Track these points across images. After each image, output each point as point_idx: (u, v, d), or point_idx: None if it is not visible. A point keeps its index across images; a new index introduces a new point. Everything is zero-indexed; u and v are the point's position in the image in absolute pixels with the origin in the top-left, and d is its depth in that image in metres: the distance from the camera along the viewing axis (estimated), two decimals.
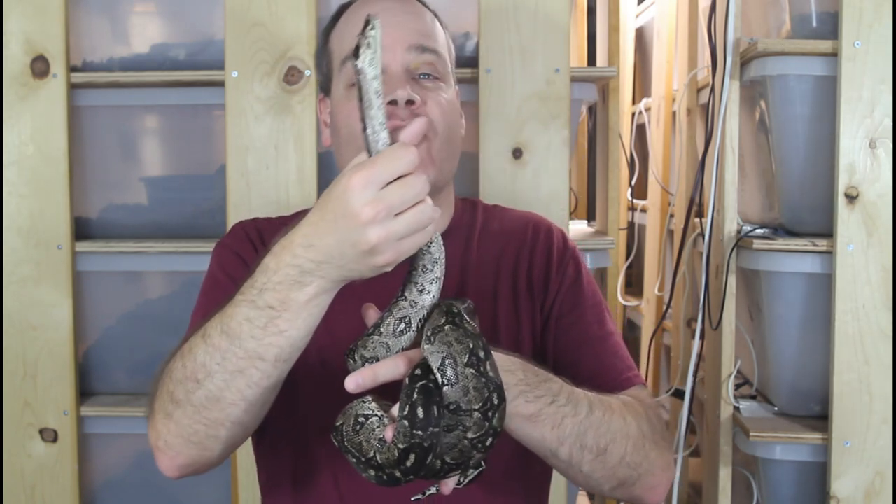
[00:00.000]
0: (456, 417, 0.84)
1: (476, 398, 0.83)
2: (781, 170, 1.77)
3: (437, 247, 0.92)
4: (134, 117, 1.89)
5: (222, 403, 0.96)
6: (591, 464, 1.01)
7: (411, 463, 0.85)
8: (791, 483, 1.80)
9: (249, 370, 0.94)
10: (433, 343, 0.85)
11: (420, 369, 0.86)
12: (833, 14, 1.70)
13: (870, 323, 1.68)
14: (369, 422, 0.91)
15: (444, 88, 1.19)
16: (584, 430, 0.99)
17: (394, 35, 1.15)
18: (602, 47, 2.63)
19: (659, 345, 2.69)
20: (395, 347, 0.92)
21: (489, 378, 0.84)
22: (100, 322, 1.87)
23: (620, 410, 1.04)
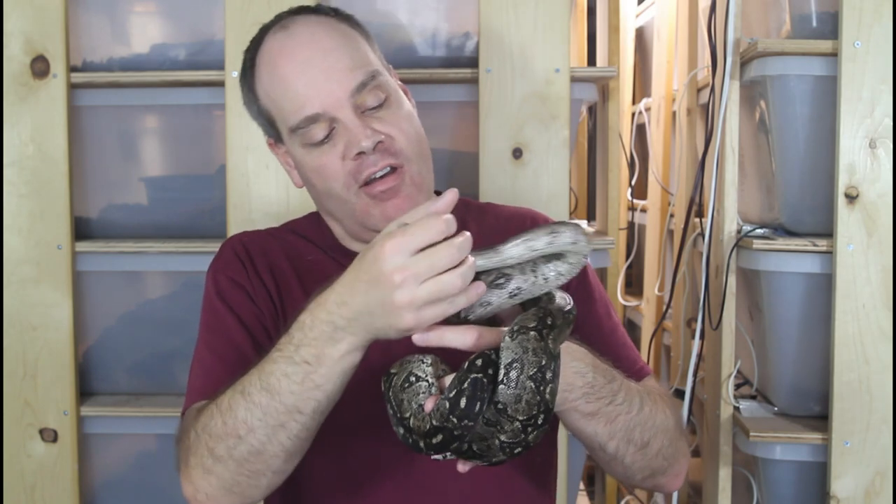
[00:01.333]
0: (498, 416, 0.86)
1: (524, 410, 0.85)
2: (781, 170, 1.77)
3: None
4: (134, 117, 1.89)
5: (264, 456, 1.00)
6: (633, 456, 1.06)
7: (437, 441, 0.87)
8: (791, 483, 1.80)
9: (289, 423, 0.97)
10: (513, 340, 0.87)
11: (482, 359, 0.87)
12: (833, 14, 1.70)
13: (870, 323, 1.67)
14: (419, 384, 0.93)
15: (395, 105, 1.17)
16: (634, 426, 1.03)
17: (332, 87, 1.13)
18: (602, 47, 2.63)
19: (659, 345, 2.69)
20: (489, 298, 0.92)
21: (545, 399, 0.86)
22: (100, 322, 1.87)
23: (661, 404, 1.09)
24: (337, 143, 1.14)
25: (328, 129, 1.14)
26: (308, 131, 1.14)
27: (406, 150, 1.15)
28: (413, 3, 1.80)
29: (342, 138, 1.13)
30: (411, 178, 1.15)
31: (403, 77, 1.27)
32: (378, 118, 1.15)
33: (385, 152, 1.13)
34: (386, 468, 1.14)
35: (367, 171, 1.13)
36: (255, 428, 0.98)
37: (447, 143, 1.83)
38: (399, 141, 1.14)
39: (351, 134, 1.12)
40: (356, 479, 1.15)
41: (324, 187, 1.17)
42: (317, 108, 1.13)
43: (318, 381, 0.95)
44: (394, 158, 1.14)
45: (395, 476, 1.14)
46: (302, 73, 1.14)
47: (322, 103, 1.13)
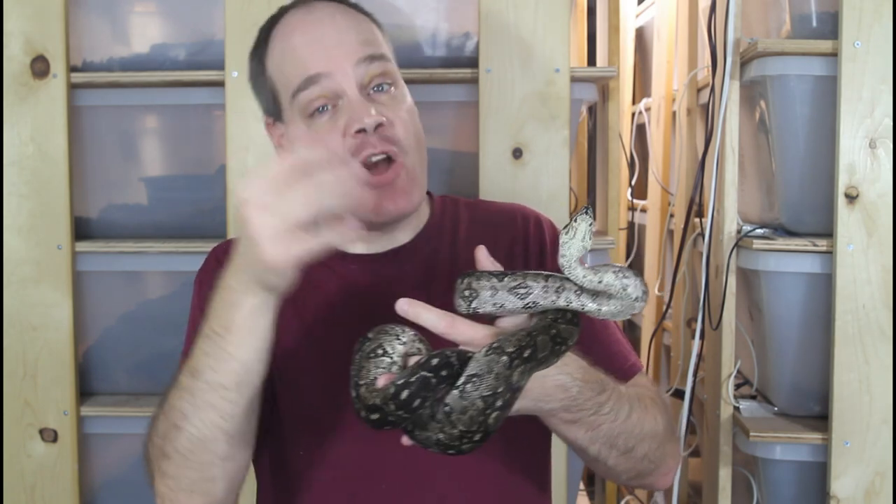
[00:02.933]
0: (442, 415, 0.87)
1: (466, 422, 0.86)
2: (781, 170, 1.77)
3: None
4: (134, 117, 1.89)
5: (205, 443, 0.98)
6: (616, 459, 1.06)
7: (373, 418, 0.89)
8: (791, 483, 1.80)
9: (218, 402, 0.96)
10: (485, 356, 0.87)
11: (439, 360, 0.87)
12: (833, 14, 1.70)
13: (870, 323, 1.67)
14: (383, 358, 0.94)
15: (401, 96, 1.18)
16: (618, 434, 1.03)
17: (339, 53, 1.13)
18: (602, 47, 2.63)
19: (659, 345, 2.69)
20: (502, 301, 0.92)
21: (487, 422, 0.86)
22: (100, 322, 1.87)
23: (652, 409, 1.09)
24: (339, 119, 1.13)
25: (328, 100, 1.13)
26: (308, 95, 1.13)
27: (404, 140, 1.15)
28: (413, 3, 1.80)
29: (345, 114, 1.13)
30: (407, 172, 1.15)
31: (404, 77, 1.26)
32: (381, 102, 1.15)
33: (385, 137, 1.13)
34: (381, 469, 1.14)
35: (366, 151, 1.12)
36: (189, 414, 0.97)
37: (447, 143, 1.83)
38: (399, 130, 1.14)
39: (354, 110, 1.12)
40: (352, 480, 1.15)
41: None
42: (320, 67, 1.12)
43: (231, 351, 0.94)
44: (393, 146, 1.13)
45: (391, 477, 1.14)
46: (312, 41, 1.14)
47: (326, 65, 1.12)
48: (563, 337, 0.92)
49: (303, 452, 1.16)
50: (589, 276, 0.91)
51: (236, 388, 0.95)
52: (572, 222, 0.90)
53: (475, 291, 0.92)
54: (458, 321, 0.89)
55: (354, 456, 1.14)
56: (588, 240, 0.90)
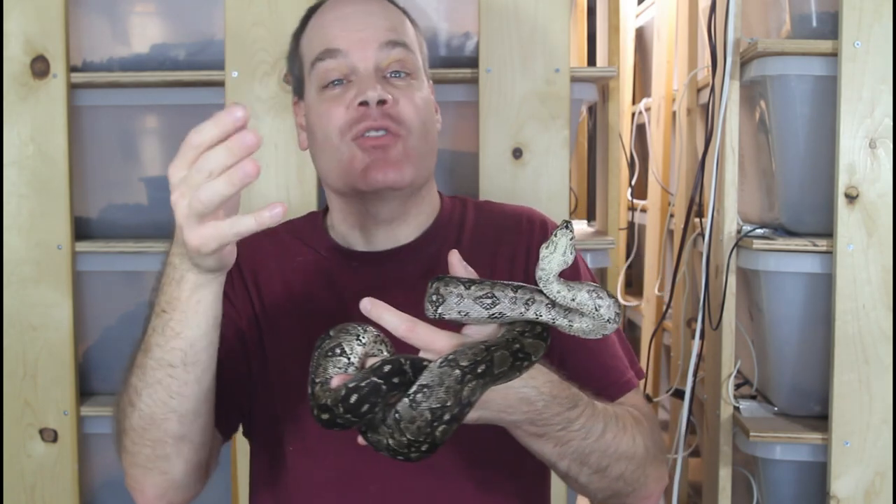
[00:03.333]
0: (392, 421, 0.87)
1: (414, 432, 0.86)
2: (781, 170, 1.77)
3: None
4: (134, 117, 1.89)
5: (156, 420, 0.99)
6: (589, 477, 1.04)
7: (323, 418, 0.89)
8: (791, 483, 1.80)
9: (165, 380, 0.97)
10: (438, 367, 0.86)
11: (392, 366, 0.87)
12: (833, 14, 1.70)
13: (870, 323, 1.67)
14: (341, 357, 0.94)
15: (417, 85, 1.19)
16: (590, 452, 1.02)
17: (363, 35, 1.16)
18: (602, 47, 2.63)
19: (659, 345, 2.69)
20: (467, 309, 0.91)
21: (434, 435, 0.86)
22: (100, 322, 1.87)
23: (632, 430, 1.06)
24: (348, 91, 1.15)
25: (342, 75, 1.16)
26: (324, 66, 1.16)
27: (408, 121, 1.15)
28: (413, 3, 1.80)
29: (353, 88, 1.15)
30: (405, 148, 1.15)
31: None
32: (394, 85, 1.16)
33: (387, 115, 1.14)
34: (370, 471, 1.14)
35: (365, 123, 1.13)
36: (140, 390, 0.99)
37: (447, 143, 1.83)
38: (405, 111, 1.15)
39: (361, 83, 1.14)
40: (341, 481, 1.15)
41: (322, 135, 1.17)
42: (341, 45, 1.16)
43: (176, 329, 0.95)
44: (394, 123, 1.14)
45: (380, 480, 1.14)
46: (342, 19, 1.18)
47: (348, 44, 1.16)
48: (526, 352, 0.91)
49: (291, 448, 1.16)
50: (563, 292, 0.90)
51: (182, 366, 0.96)
52: (552, 237, 0.89)
53: (442, 297, 0.91)
54: (420, 326, 0.88)
55: (344, 457, 1.14)
56: (569, 254, 0.89)
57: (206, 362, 0.98)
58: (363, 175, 1.13)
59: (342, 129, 1.15)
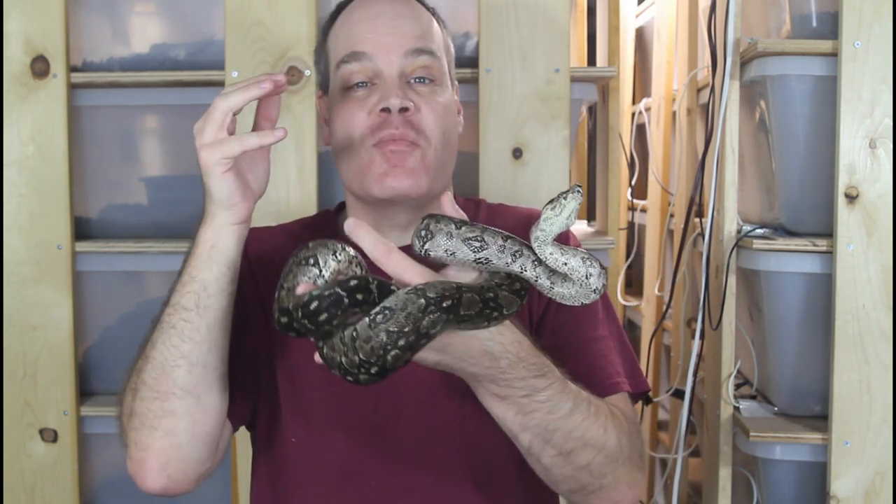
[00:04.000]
0: (348, 338, 0.85)
1: (366, 352, 0.84)
2: (781, 170, 1.77)
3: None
4: (134, 117, 1.89)
5: (166, 367, 1.02)
6: (553, 459, 1.01)
7: (281, 321, 0.88)
8: (791, 483, 1.80)
9: (179, 324, 1.02)
10: (405, 293, 0.85)
11: (358, 282, 0.86)
12: (833, 14, 1.70)
13: (870, 323, 1.67)
14: (312, 269, 0.93)
15: (440, 91, 1.19)
16: (554, 429, 0.99)
17: (390, 41, 1.16)
18: (602, 47, 2.63)
19: (659, 345, 2.69)
20: (454, 249, 0.90)
21: (385, 359, 0.84)
22: (100, 322, 1.87)
23: (605, 420, 1.03)
24: (372, 95, 1.16)
25: (367, 78, 1.17)
26: (349, 68, 1.17)
27: (429, 131, 1.16)
28: None
29: (377, 92, 1.15)
30: (423, 157, 1.15)
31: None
32: (417, 91, 1.17)
33: (409, 123, 1.14)
34: (369, 468, 1.15)
35: (386, 130, 1.14)
36: (156, 340, 1.03)
37: None
38: (426, 120, 1.16)
39: (385, 89, 1.15)
40: (340, 475, 1.15)
41: (343, 136, 1.18)
42: (367, 48, 1.16)
43: (192, 273, 1.01)
44: (414, 132, 1.15)
45: (380, 476, 1.15)
46: (371, 20, 1.18)
47: (374, 48, 1.16)
48: (498, 303, 0.89)
49: (294, 440, 1.16)
50: (556, 254, 0.89)
51: (195, 309, 1.01)
52: (561, 199, 0.88)
53: (431, 233, 0.90)
54: (395, 253, 0.87)
55: (345, 451, 1.15)
56: (573, 219, 0.88)
57: (218, 310, 1.02)
58: (379, 180, 1.14)
59: (363, 134, 1.15)
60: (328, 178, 1.79)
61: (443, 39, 1.24)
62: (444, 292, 0.85)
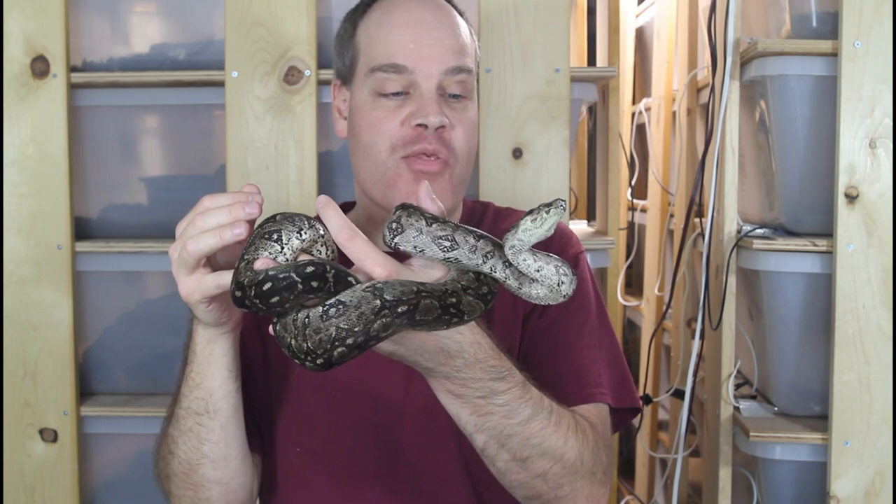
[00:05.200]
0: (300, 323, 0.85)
1: (314, 342, 0.83)
2: (781, 170, 1.77)
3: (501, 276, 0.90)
4: (134, 117, 1.89)
5: (192, 465, 1.05)
6: (507, 464, 0.99)
7: (235, 295, 0.87)
8: (791, 483, 1.80)
9: (195, 427, 1.03)
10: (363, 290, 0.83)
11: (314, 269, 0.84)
12: (833, 14, 1.70)
13: (870, 323, 1.67)
14: (274, 244, 0.90)
15: (470, 106, 1.19)
16: (510, 434, 0.97)
17: (430, 53, 1.15)
18: (602, 47, 2.63)
19: (659, 345, 2.69)
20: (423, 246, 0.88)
21: (330, 353, 0.83)
22: (100, 322, 1.87)
23: (567, 431, 1.01)
24: (405, 106, 1.14)
25: (403, 88, 1.15)
26: (386, 78, 1.15)
27: (458, 149, 1.16)
28: None
29: (413, 104, 1.14)
30: (451, 176, 1.15)
31: None
32: (452, 108, 1.16)
33: (442, 140, 1.14)
34: (373, 468, 1.15)
35: (420, 146, 1.13)
36: (176, 438, 1.05)
37: None
38: (458, 138, 1.16)
39: (424, 104, 1.13)
40: (348, 483, 1.15)
41: (370, 141, 1.16)
42: (408, 62, 1.14)
43: (196, 380, 1.01)
44: (446, 149, 1.14)
45: (385, 483, 1.15)
46: (412, 27, 1.16)
47: (415, 62, 1.14)
48: (460, 310, 0.87)
49: (299, 449, 1.16)
50: (529, 261, 0.88)
51: (206, 414, 1.02)
52: (542, 212, 0.85)
53: (401, 227, 0.87)
54: (359, 238, 0.85)
55: (349, 458, 1.15)
56: (552, 231, 0.86)
57: (228, 411, 1.04)
58: (406, 197, 1.13)
59: (394, 145, 1.14)
60: (328, 179, 1.79)
61: (474, 49, 1.22)
62: (401, 296, 0.83)
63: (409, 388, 1.13)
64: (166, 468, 1.08)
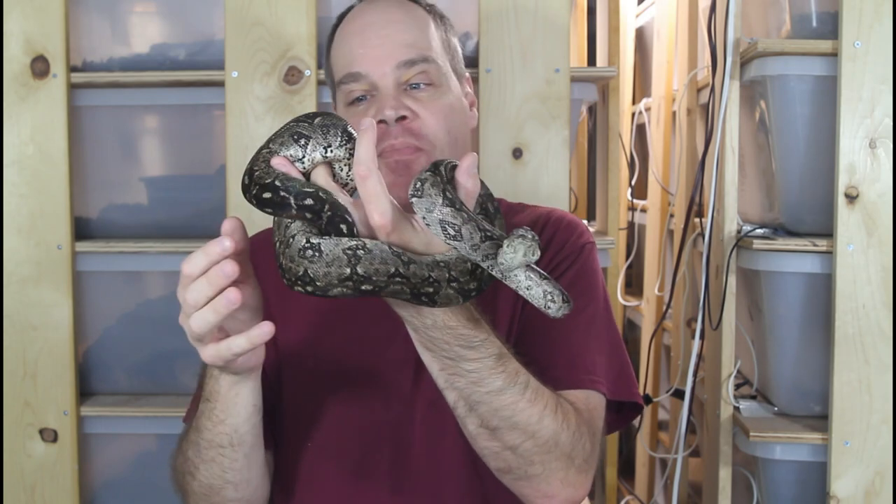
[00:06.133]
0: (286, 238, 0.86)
1: (288, 269, 0.85)
2: (781, 170, 1.77)
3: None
4: (134, 117, 1.89)
5: (214, 488, 1.07)
6: (477, 429, 0.99)
7: (244, 182, 0.88)
8: (791, 483, 1.80)
9: (217, 458, 1.04)
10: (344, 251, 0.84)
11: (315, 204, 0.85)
12: (833, 14, 1.70)
13: (870, 323, 1.67)
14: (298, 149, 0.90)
15: (441, 93, 1.19)
16: (478, 401, 0.97)
17: (380, 53, 1.17)
18: (602, 47, 2.63)
19: (659, 345, 2.69)
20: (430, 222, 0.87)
21: (303, 287, 0.85)
22: (100, 322, 1.87)
23: (545, 409, 1.00)
24: (369, 108, 1.17)
25: (365, 92, 1.18)
26: (348, 87, 1.18)
27: (431, 135, 1.16)
28: None
29: (374, 105, 1.16)
30: (429, 161, 1.13)
31: None
32: (415, 98, 1.17)
33: (408, 130, 1.15)
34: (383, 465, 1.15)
35: (386, 142, 1.14)
36: (198, 465, 1.06)
37: None
38: (427, 125, 1.16)
39: (381, 100, 1.16)
40: (357, 475, 1.15)
41: None
42: (361, 67, 1.17)
43: (219, 416, 1.01)
44: (415, 139, 1.15)
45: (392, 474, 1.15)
46: (360, 33, 1.19)
47: (367, 66, 1.17)
48: (433, 299, 0.87)
49: (310, 444, 1.16)
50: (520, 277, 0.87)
51: (230, 447, 1.03)
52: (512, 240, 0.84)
53: (422, 191, 0.87)
54: (374, 178, 0.84)
55: (357, 450, 1.15)
56: (531, 256, 0.84)
57: (253, 441, 1.05)
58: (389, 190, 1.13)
59: None
60: None
61: (442, 38, 1.23)
62: (372, 274, 0.84)
63: (418, 381, 1.13)
64: (184, 485, 1.10)
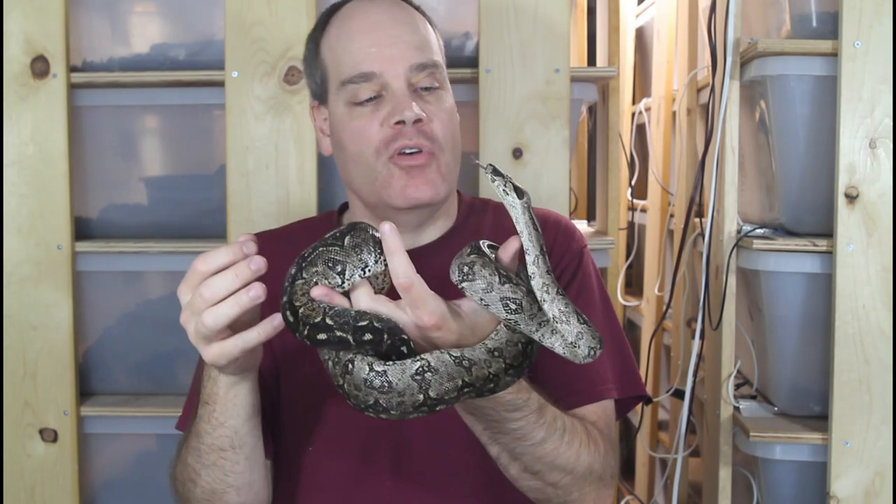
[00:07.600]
0: (345, 364, 0.87)
1: (351, 395, 0.87)
2: (781, 170, 1.77)
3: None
4: (134, 117, 1.89)
5: (217, 493, 1.07)
6: (519, 473, 1.04)
7: (285, 317, 0.88)
8: (791, 483, 1.80)
9: (218, 461, 1.04)
10: (414, 379, 0.85)
11: (374, 337, 0.85)
12: (833, 14, 1.70)
13: (870, 323, 1.67)
14: (334, 275, 0.90)
15: (445, 96, 1.20)
16: (522, 452, 1.01)
17: (394, 53, 1.16)
18: (602, 47, 2.63)
19: (659, 345, 2.69)
20: (489, 302, 0.87)
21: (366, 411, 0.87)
22: (100, 322, 1.87)
23: (579, 448, 1.04)
24: (381, 108, 1.16)
25: (375, 92, 1.16)
26: (357, 88, 1.16)
27: (441, 138, 1.17)
28: None
29: (387, 105, 1.15)
30: (438, 166, 1.16)
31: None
32: (425, 100, 1.17)
33: (422, 132, 1.15)
34: (384, 468, 1.15)
35: (401, 142, 1.14)
36: (199, 470, 1.06)
37: None
38: (437, 128, 1.16)
39: (397, 102, 1.15)
40: (357, 479, 1.15)
41: (355, 150, 1.17)
42: (374, 67, 1.15)
43: (219, 419, 1.02)
44: (428, 141, 1.15)
45: (393, 477, 1.15)
46: (370, 32, 1.17)
47: (381, 65, 1.15)
48: (493, 391, 0.90)
49: (311, 448, 1.16)
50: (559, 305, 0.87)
51: (231, 450, 1.04)
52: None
53: (473, 274, 0.87)
54: (416, 287, 0.85)
55: (359, 454, 1.15)
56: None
57: (253, 443, 1.05)
58: (401, 193, 1.15)
59: (378, 149, 1.15)
60: (328, 178, 1.79)
61: (437, 40, 1.24)
62: (444, 395, 0.86)
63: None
64: (186, 493, 1.10)
